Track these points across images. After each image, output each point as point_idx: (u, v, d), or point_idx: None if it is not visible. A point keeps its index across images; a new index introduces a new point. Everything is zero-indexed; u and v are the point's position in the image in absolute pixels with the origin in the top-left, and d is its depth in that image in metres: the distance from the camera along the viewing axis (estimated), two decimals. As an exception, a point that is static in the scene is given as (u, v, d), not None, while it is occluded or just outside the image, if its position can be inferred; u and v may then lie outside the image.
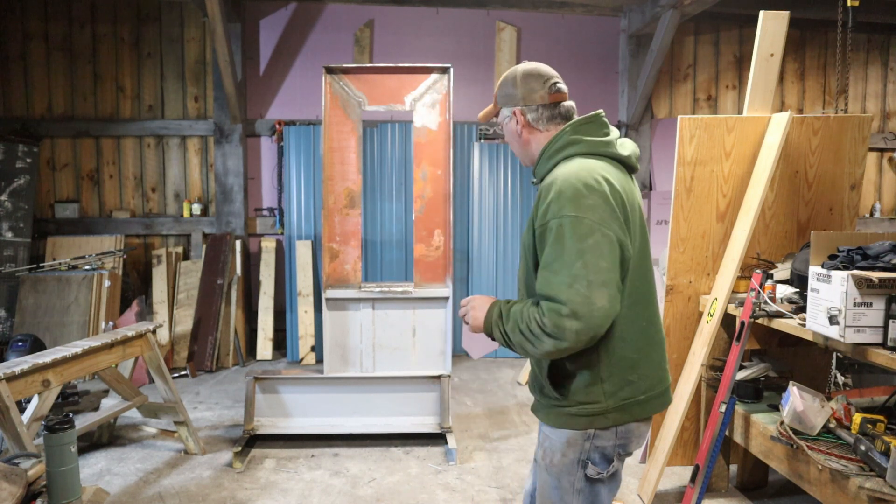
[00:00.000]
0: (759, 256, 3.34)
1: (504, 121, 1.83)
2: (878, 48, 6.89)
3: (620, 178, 1.69)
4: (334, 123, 4.05)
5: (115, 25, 6.16)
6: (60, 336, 5.27)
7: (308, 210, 6.08)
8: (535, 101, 1.75)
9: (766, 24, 3.22)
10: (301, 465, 3.70)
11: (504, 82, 1.80)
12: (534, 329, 1.57)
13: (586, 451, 1.67)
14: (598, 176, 1.61)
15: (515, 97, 1.77)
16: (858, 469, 2.36)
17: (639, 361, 1.67)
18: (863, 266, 2.37)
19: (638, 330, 1.67)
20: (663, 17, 5.50)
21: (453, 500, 3.29)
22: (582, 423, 1.66)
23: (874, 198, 6.98)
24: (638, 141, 6.44)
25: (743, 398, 3.12)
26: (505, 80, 1.81)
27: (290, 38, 6.27)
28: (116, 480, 3.49)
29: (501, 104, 1.82)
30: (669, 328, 3.36)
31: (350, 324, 4.08)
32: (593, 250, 1.53)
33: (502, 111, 1.82)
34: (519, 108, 1.77)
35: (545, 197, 1.61)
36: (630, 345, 1.66)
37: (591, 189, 1.57)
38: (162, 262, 5.92)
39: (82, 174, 6.25)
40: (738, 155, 3.27)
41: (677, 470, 3.56)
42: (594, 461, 1.68)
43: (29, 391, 2.93)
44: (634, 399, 1.66)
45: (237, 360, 5.84)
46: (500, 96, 1.81)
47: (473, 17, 6.38)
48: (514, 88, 1.77)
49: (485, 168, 6.17)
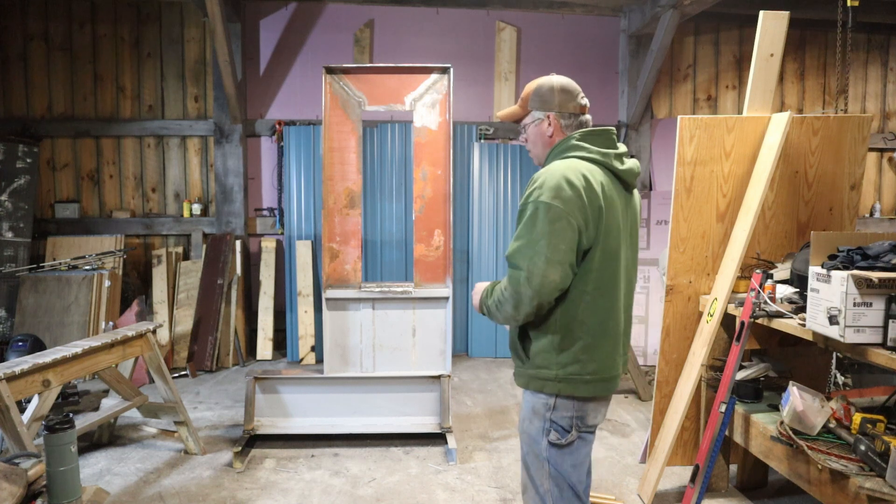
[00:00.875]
0: (759, 256, 3.34)
1: (533, 122, 2.05)
2: (878, 48, 6.89)
3: (608, 184, 1.92)
4: (334, 123, 4.05)
5: (116, 25, 6.17)
6: (60, 336, 5.27)
7: (308, 210, 6.08)
8: (569, 109, 2.01)
9: (766, 24, 3.22)
10: (301, 465, 3.70)
11: (540, 90, 2.03)
12: (499, 296, 1.92)
13: (548, 419, 1.95)
14: (579, 174, 1.86)
15: (552, 103, 2.01)
16: (858, 469, 2.36)
17: (591, 346, 1.90)
18: (863, 266, 2.37)
19: (597, 319, 1.91)
20: (663, 17, 5.50)
21: (453, 500, 3.29)
22: (537, 385, 1.94)
23: (874, 198, 6.98)
24: (638, 141, 6.44)
25: (743, 398, 3.12)
26: (541, 87, 2.03)
27: (290, 38, 6.27)
28: (116, 480, 3.49)
29: (533, 108, 2.04)
30: (669, 328, 3.36)
31: (350, 324, 4.08)
32: (557, 233, 1.81)
33: (533, 113, 2.04)
34: (554, 112, 2.01)
35: (532, 183, 1.89)
36: (587, 329, 1.90)
37: (570, 184, 1.83)
38: (162, 262, 5.92)
39: (82, 174, 6.25)
40: (738, 155, 3.27)
41: (677, 470, 3.56)
42: (555, 429, 1.95)
43: (29, 391, 2.93)
44: (580, 377, 1.90)
45: (237, 360, 5.84)
46: (533, 101, 2.03)
47: (473, 17, 6.38)
48: (552, 96, 2.01)
49: (485, 168, 6.17)
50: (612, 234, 1.89)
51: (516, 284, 1.83)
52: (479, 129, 6.32)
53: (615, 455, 3.85)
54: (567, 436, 1.94)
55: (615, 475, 3.58)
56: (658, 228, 6.04)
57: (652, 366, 5.68)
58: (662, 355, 3.38)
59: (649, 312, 5.95)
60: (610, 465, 3.72)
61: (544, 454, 1.96)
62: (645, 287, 5.97)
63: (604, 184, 1.89)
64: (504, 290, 1.89)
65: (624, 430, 4.28)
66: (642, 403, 4.81)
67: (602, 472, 3.62)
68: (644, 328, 5.95)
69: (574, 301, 1.88)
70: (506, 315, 1.92)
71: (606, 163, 1.93)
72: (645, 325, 5.95)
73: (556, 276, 1.81)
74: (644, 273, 5.99)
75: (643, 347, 5.92)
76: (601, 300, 1.90)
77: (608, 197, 1.89)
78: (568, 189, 1.82)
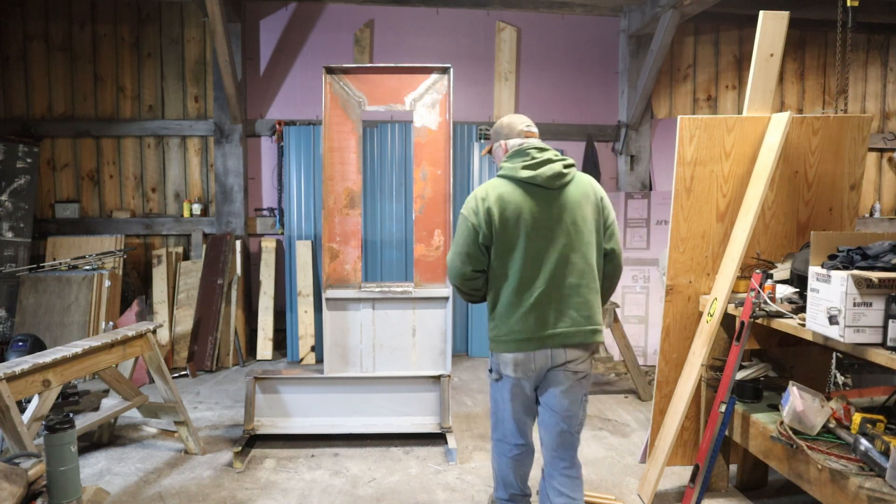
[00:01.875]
0: (759, 256, 3.34)
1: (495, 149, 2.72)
2: (878, 48, 6.89)
3: (510, 192, 2.48)
4: (334, 123, 4.06)
5: (116, 25, 6.17)
6: (61, 336, 5.27)
7: (308, 210, 6.08)
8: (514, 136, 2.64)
9: (766, 24, 3.22)
10: (301, 465, 3.70)
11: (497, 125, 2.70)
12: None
13: (489, 365, 2.64)
14: (486, 191, 2.50)
15: (501, 134, 2.66)
16: (858, 469, 2.36)
17: (509, 315, 2.48)
18: (862, 266, 2.37)
19: (513, 295, 2.48)
20: (663, 17, 5.50)
21: (453, 500, 3.29)
22: (489, 346, 2.60)
23: (874, 198, 6.98)
24: (638, 141, 6.44)
25: (743, 398, 3.12)
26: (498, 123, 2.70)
27: (290, 38, 6.27)
28: (117, 480, 3.49)
29: (494, 139, 2.70)
30: (669, 328, 3.37)
31: (350, 324, 4.08)
32: (461, 233, 2.52)
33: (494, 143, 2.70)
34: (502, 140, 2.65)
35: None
36: (507, 303, 2.49)
37: (475, 197, 2.51)
38: (162, 262, 5.92)
39: (82, 174, 6.25)
40: (737, 155, 3.27)
41: (677, 470, 3.56)
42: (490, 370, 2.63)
43: (29, 391, 2.93)
44: (501, 338, 2.51)
45: (237, 360, 5.84)
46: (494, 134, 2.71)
47: (473, 17, 6.38)
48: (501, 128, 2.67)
49: (485, 168, 6.17)
50: (509, 229, 2.45)
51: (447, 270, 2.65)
52: (479, 129, 6.32)
53: (615, 455, 3.85)
54: (492, 375, 2.61)
55: (615, 475, 3.58)
56: (658, 228, 6.04)
57: (652, 366, 5.68)
58: (662, 355, 3.39)
59: (649, 312, 5.95)
60: (610, 465, 3.72)
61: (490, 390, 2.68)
62: (645, 287, 5.98)
63: (503, 194, 2.47)
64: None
65: (624, 430, 4.28)
66: (642, 403, 4.81)
67: (602, 472, 3.63)
68: (644, 328, 5.95)
69: (491, 283, 2.54)
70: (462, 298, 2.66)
71: (511, 175, 2.50)
72: (645, 325, 5.95)
73: (457, 263, 2.53)
74: (644, 273, 5.99)
75: (643, 347, 5.92)
76: (521, 282, 2.46)
77: (508, 202, 2.45)
78: (472, 201, 2.51)
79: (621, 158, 6.52)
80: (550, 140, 6.33)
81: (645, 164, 6.47)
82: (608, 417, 4.51)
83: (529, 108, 6.48)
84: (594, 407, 4.72)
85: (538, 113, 6.48)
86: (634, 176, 6.47)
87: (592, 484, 3.46)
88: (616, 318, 4.83)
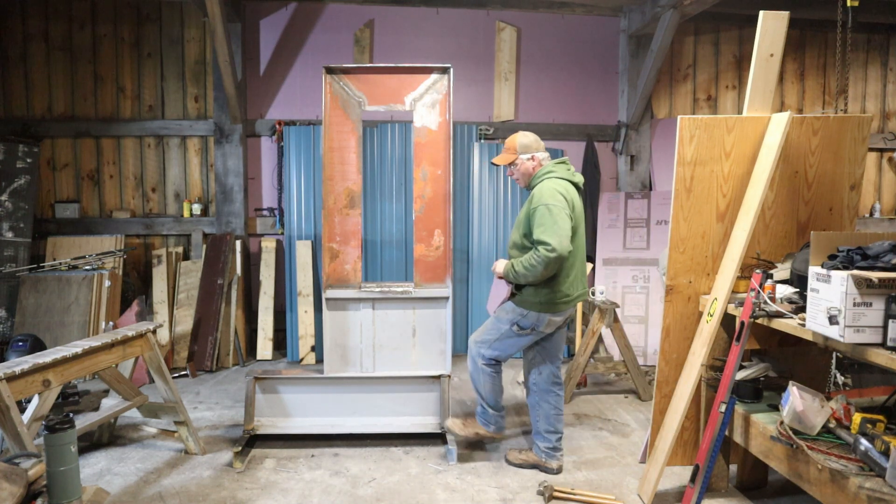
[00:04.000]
0: (759, 256, 3.34)
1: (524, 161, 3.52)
2: (878, 48, 6.89)
3: (571, 191, 3.38)
4: (334, 123, 4.06)
5: (116, 25, 6.17)
6: (61, 336, 5.27)
7: (308, 210, 6.08)
8: (541, 149, 3.54)
9: (766, 24, 3.22)
10: (301, 464, 3.70)
11: (523, 141, 3.50)
12: (531, 262, 3.23)
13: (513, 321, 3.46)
14: (562, 188, 3.32)
15: (532, 148, 3.51)
16: (858, 469, 2.36)
17: (562, 283, 3.35)
18: (862, 266, 2.37)
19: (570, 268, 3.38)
20: (663, 17, 5.50)
21: (453, 500, 3.29)
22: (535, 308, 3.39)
23: (874, 198, 6.98)
24: (638, 141, 6.44)
25: (743, 398, 3.12)
26: (524, 139, 3.50)
27: (290, 38, 6.27)
28: (117, 480, 3.49)
29: (521, 152, 3.50)
30: (669, 328, 3.36)
31: (350, 324, 4.08)
32: (562, 219, 3.21)
33: (521, 156, 3.50)
34: (533, 153, 3.51)
35: (537, 196, 3.32)
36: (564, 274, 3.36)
37: (557, 192, 3.28)
38: (162, 262, 5.92)
39: (82, 174, 6.25)
40: (737, 155, 3.27)
41: (677, 470, 3.56)
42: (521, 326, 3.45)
43: (29, 391, 2.93)
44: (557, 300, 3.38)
45: (237, 360, 5.84)
46: (521, 148, 3.50)
47: (473, 17, 6.38)
48: (530, 143, 3.50)
49: (485, 168, 6.17)
50: (575, 216, 3.34)
51: (545, 252, 3.16)
52: (479, 129, 6.32)
53: (615, 455, 3.85)
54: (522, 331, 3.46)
55: (615, 475, 3.58)
56: (658, 228, 6.04)
57: (652, 366, 5.68)
58: (662, 355, 3.39)
59: (649, 312, 5.95)
60: (610, 465, 3.72)
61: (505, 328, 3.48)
62: (645, 287, 5.98)
63: (569, 190, 3.35)
64: (537, 255, 3.18)
65: (624, 430, 4.28)
66: (642, 403, 4.81)
67: (602, 471, 3.63)
68: (644, 328, 5.95)
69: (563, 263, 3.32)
70: (537, 273, 3.23)
71: (568, 178, 3.42)
72: (645, 325, 5.96)
73: (567, 242, 3.20)
74: (644, 273, 5.99)
75: (643, 347, 5.92)
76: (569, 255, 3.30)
77: (571, 199, 3.34)
78: (556, 196, 3.25)
79: (621, 158, 6.52)
80: (550, 140, 6.34)
81: (645, 164, 6.47)
82: (608, 417, 4.51)
83: (529, 108, 6.49)
84: (594, 407, 4.72)
85: (538, 113, 6.48)
86: (634, 176, 6.47)
87: (592, 484, 3.46)
88: (616, 318, 4.83)
